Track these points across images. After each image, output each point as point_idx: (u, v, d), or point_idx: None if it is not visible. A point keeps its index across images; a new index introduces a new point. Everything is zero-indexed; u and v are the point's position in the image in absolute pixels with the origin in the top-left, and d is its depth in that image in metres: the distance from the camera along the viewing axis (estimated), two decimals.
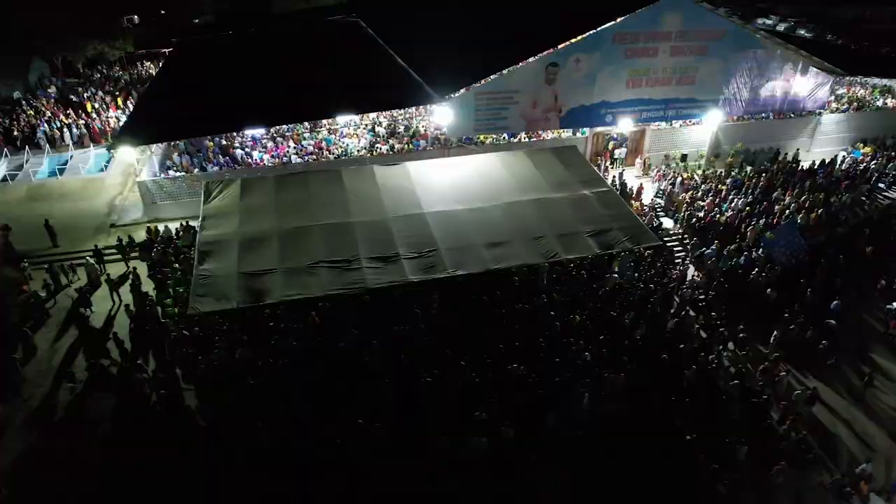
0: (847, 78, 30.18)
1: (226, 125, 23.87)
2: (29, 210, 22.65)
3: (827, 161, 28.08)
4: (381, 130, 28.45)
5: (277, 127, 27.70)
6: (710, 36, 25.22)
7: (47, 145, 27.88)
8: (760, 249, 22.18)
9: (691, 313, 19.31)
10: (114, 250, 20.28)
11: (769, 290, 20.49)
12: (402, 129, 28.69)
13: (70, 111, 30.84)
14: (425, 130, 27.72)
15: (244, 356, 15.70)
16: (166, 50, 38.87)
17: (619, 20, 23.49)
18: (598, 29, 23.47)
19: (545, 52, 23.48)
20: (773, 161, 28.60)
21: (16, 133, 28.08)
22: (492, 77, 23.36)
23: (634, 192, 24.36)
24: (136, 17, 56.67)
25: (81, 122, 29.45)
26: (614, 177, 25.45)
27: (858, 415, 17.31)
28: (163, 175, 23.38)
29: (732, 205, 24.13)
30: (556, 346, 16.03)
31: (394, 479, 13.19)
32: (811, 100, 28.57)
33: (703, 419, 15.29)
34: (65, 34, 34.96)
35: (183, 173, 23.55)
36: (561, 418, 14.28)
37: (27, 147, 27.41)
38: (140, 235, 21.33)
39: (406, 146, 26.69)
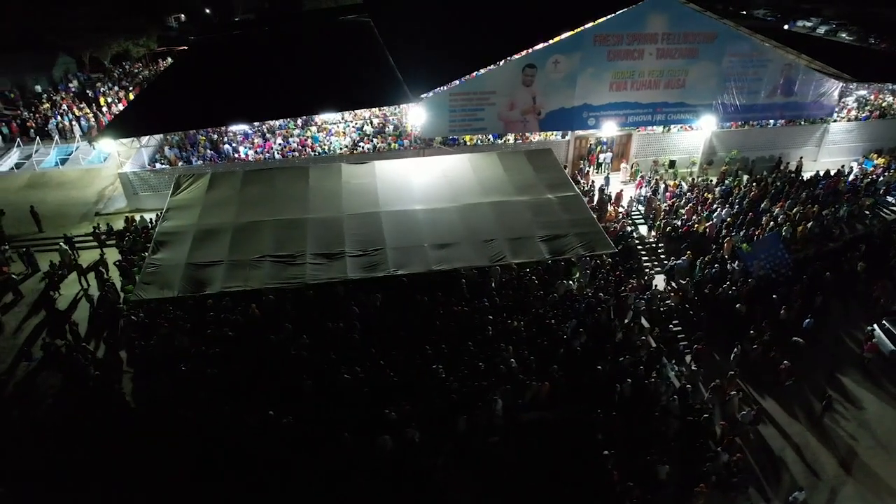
0: (855, 84, 28.41)
1: (209, 120, 24.69)
2: (25, 197, 24.10)
3: (832, 172, 26.53)
4: (369, 129, 28.80)
5: (270, 124, 28.51)
6: (700, 38, 24.23)
7: (57, 136, 29.55)
8: (737, 262, 21.27)
9: (645, 325, 18.67)
10: (90, 237, 21.31)
11: (738, 304, 19.61)
12: (391, 127, 28.91)
13: (83, 105, 32.61)
14: (411, 130, 27.83)
15: (181, 343, 16.25)
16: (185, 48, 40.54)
17: (598, 21, 22.91)
18: (577, 30, 22.96)
19: (521, 54, 23.15)
20: (773, 170, 27.30)
21: (30, 124, 29.93)
22: (464, 78, 23.21)
23: (612, 197, 23.71)
24: (182, 15, 59.69)
25: (90, 115, 31.07)
26: (593, 182, 24.89)
27: (812, 440, 16.40)
28: (147, 168, 24.40)
29: (715, 214, 23.14)
30: (484, 350, 15.84)
31: (298, 472, 13.41)
32: (816, 106, 27.03)
33: (631, 434, 14.82)
34: (92, 32, 36.93)
35: (166, 166, 24.52)
36: (472, 424, 14.12)
37: (38, 138, 29.14)
38: (120, 224, 22.36)
39: (390, 145, 26.93)
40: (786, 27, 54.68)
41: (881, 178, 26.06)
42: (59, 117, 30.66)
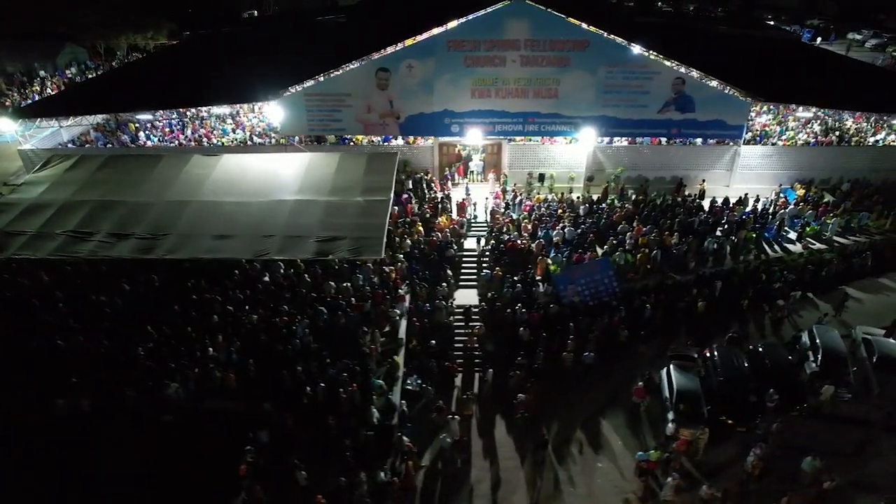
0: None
1: (111, 108, 27.25)
2: None
3: (733, 200, 23.96)
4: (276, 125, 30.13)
5: (194, 114, 30.74)
6: (570, 46, 22.92)
7: None
8: (547, 284, 20.12)
9: (402, 336, 18.24)
10: None
11: (522, 328, 18.63)
12: None
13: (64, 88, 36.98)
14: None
15: None
16: None
17: (449, 26, 22.45)
18: (426, 35, 22.65)
19: (370, 57, 23.21)
20: (674, 192, 25.11)
21: (7, 104, 34.52)
22: (314, 79, 23.70)
23: (456, 207, 23.14)
24: (255, 11, 64.58)
25: None
26: (441, 190, 24.43)
27: (521, 478, 15.41)
28: (59, 146, 27.42)
29: (555, 233, 21.84)
30: (196, 337, 16.52)
31: None
32: (720, 125, 24.43)
33: (301, 437, 14.87)
34: (101, 27, 41.56)
35: (71, 146, 27.42)
36: (142, 400, 14.94)
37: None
38: None
39: (278, 140, 28.06)
40: (823, 40, 48.97)
41: (781, 211, 23.06)
42: (36, 97, 35.03)
